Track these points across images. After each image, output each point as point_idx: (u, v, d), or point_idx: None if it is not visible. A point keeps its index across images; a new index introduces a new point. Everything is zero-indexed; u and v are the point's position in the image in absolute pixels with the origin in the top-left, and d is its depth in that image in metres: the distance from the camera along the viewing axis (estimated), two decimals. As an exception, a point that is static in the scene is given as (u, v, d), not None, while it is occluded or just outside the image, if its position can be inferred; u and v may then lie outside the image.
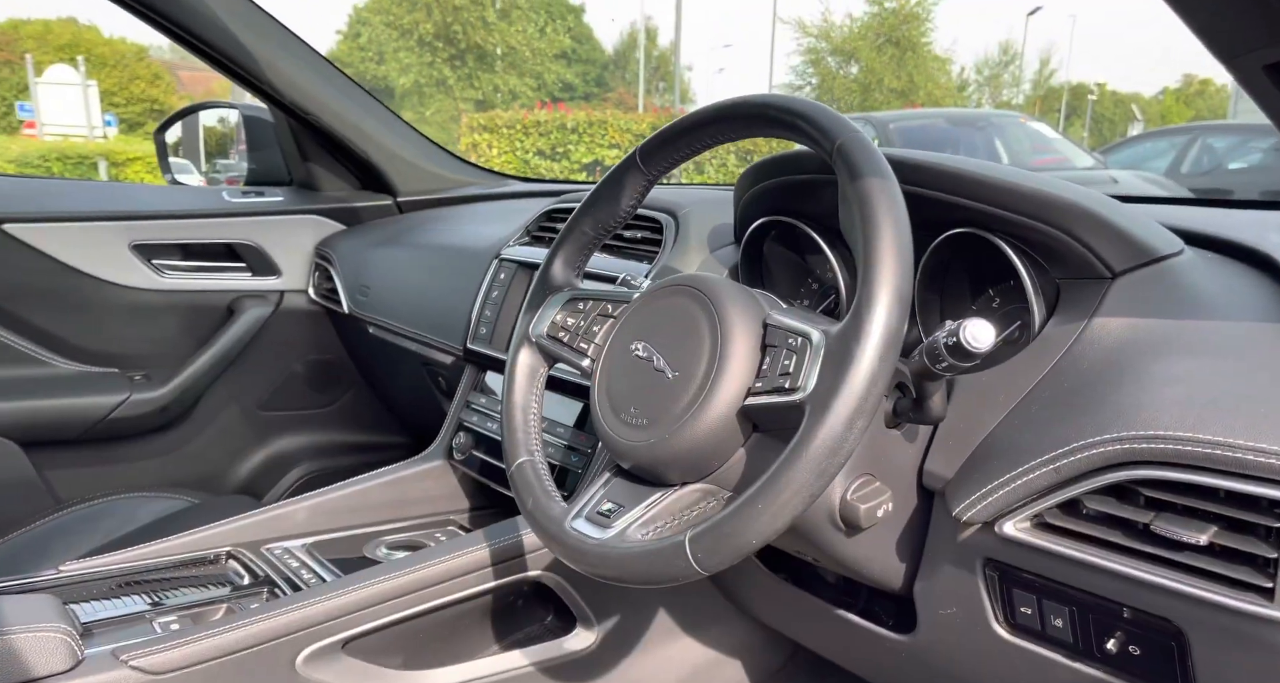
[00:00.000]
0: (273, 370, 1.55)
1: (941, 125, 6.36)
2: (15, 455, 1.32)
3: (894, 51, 20.12)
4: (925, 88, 20.25)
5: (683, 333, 0.66)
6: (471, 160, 1.69)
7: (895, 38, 19.96)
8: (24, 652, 0.68)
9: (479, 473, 1.09)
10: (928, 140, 5.93)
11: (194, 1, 1.24)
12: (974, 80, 25.60)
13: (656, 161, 0.74)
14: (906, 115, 7.31)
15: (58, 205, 1.33)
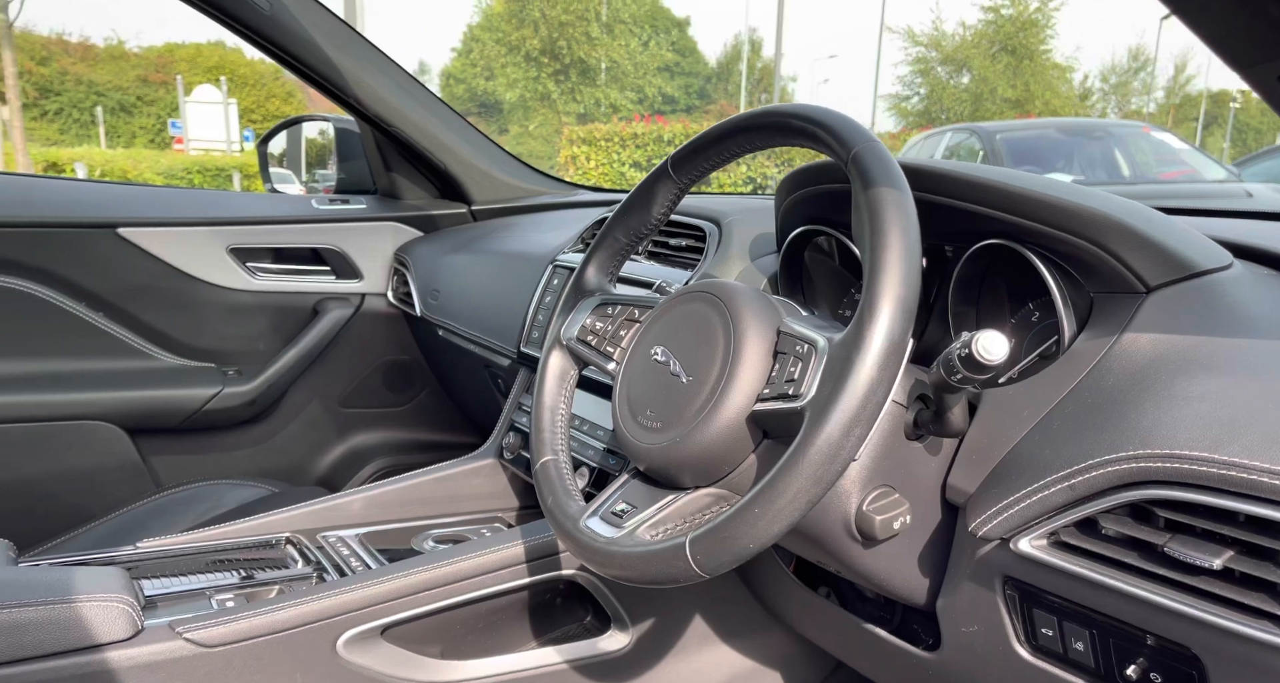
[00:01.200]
0: (353, 369, 1.63)
1: (1053, 136, 6.03)
2: (122, 441, 1.44)
3: (1009, 60, 19.35)
4: (1042, 97, 19.36)
5: (699, 338, 0.68)
6: (570, 171, 1.74)
7: (1011, 46, 19.19)
8: (89, 619, 0.74)
9: (526, 473, 1.12)
10: (1037, 151, 5.65)
11: (290, 22, 1.33)
12: (1099, 89, 24.28)
13: (687, 170, 0.76)
14: (1015, 126, 6.99)
15: (165, 212, 1.45)
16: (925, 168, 0.73)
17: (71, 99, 21.11)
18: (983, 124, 6.86)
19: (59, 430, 1.39)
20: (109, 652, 0.74)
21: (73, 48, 22.19)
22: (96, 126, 19.93)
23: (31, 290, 1.35)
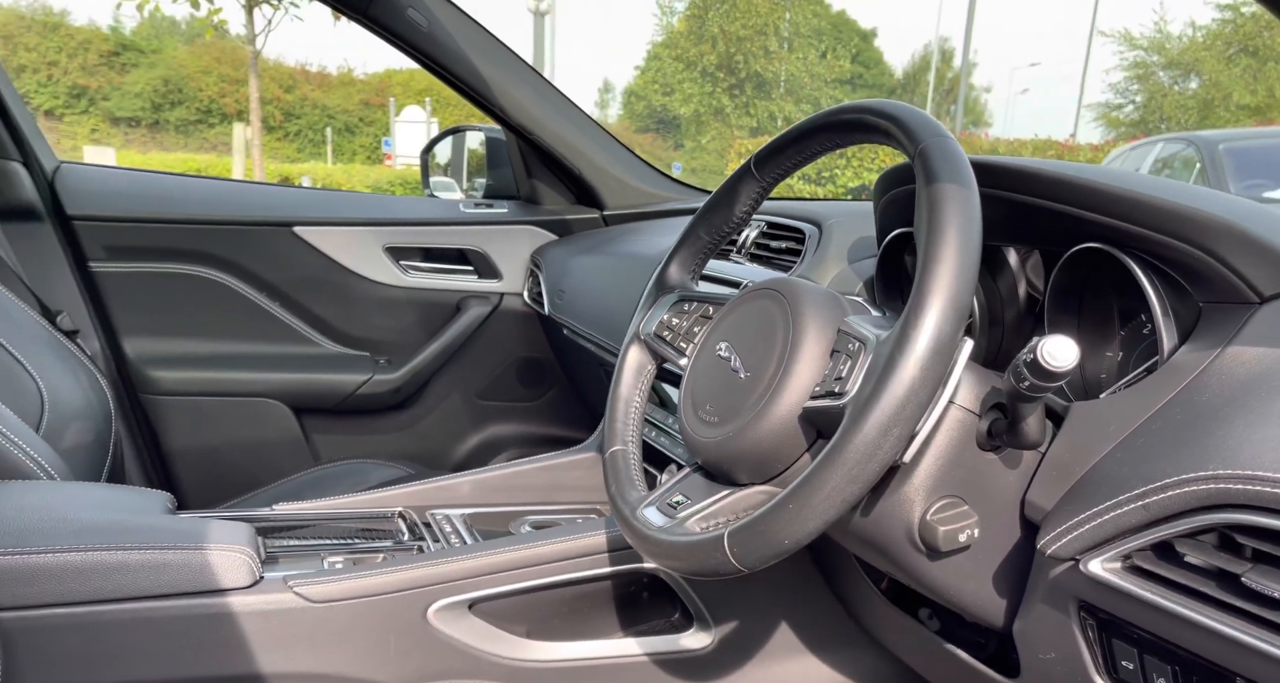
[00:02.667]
0: (490, 364, 1.74)
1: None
2: (288, 418, 1.62)
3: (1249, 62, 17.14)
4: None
5: (760, 335, 0.68)
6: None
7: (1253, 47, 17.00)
8: (216, 565, 0.83)
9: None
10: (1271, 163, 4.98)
11: (445, 38, 1.44)
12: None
13: (769, 169, 0.76)
14: (1245, 134, 6.17)
15: (332, 213, 1.61)
16: (1013, 166, 0.69)
17: (308, 121, 23.87)
18: (1202, 133, 6.13)
19: (238, 405, 1.58)
20: (230, 597, 0.84)
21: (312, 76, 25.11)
22: (325, 145, 22.43)
23: (222, 280, 1.56)
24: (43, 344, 1.18)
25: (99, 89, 21.65)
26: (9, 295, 1.19)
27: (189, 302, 1.54)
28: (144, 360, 1.53)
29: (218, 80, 22.03)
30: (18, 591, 0.75)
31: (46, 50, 21.22)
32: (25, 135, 1.39)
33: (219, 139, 20.67)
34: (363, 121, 24.36)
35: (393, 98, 19.33)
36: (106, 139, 20.32)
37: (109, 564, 0.79)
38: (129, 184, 1.55)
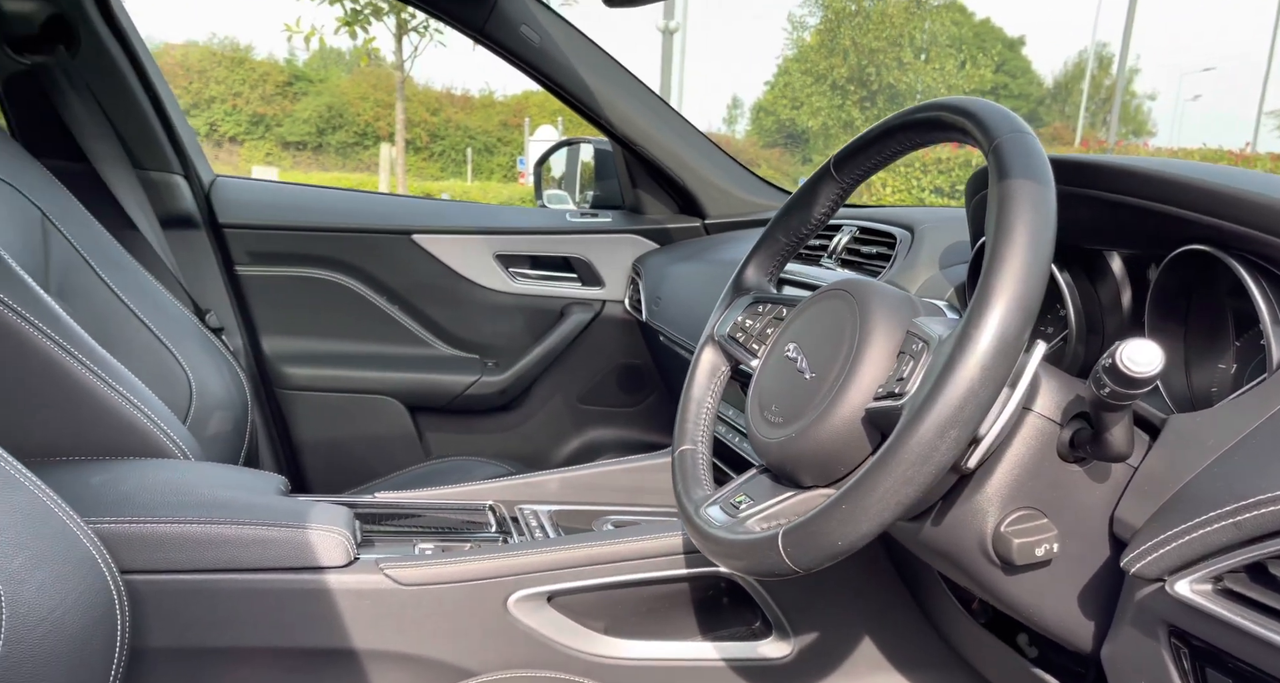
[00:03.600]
0: (591, 369, 1.78)
1: None
2: (403, 415, 1.72)
3: None
4: None
5: (828, 335, 0.68)
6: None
7: None
8: (315, 544, 0.89)
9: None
10: None
11: (555, 52, 1.50)
12: None
13: (849, 170, 0.76)
14: None
15: (448, 221, 1.71)
16: (1108, 164, 0.65)
17: (451, 142, 25.26)
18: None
19: (358, 402, 1.70)
20: (326, 574, 0.90)
21: (456, 99, 26.57)
22: (466, 164, 23.64)
23: (348, 284, 1.68)
24: (194, 340, 1.31)
25: (274, 116, 23.77)
26: (167, 294, 1.33)
27: (319, 303, 1.67)
28: (279, 357, 1.67)
29: (373, 105, 23.70)
30: (145, 556, 0.84)
31: (232, 82, 23.54)
32: (187, 152, 1.55)
33: (371, 160, 22.21)
34: (500, 141, 25.51)
35: (528, 118, 20.15)
36: (277, 161, 22.26)
37: (223, 537, 0.86)
38: (272, 195, 1.70)
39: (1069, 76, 27.04)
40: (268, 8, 24.60)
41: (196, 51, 24.28)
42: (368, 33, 8.73)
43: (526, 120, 19.74)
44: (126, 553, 0.82)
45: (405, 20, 9.29)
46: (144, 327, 1.22)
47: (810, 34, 23.43)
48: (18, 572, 0.64)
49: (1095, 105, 24.35)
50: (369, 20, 8.71)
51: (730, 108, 29.67)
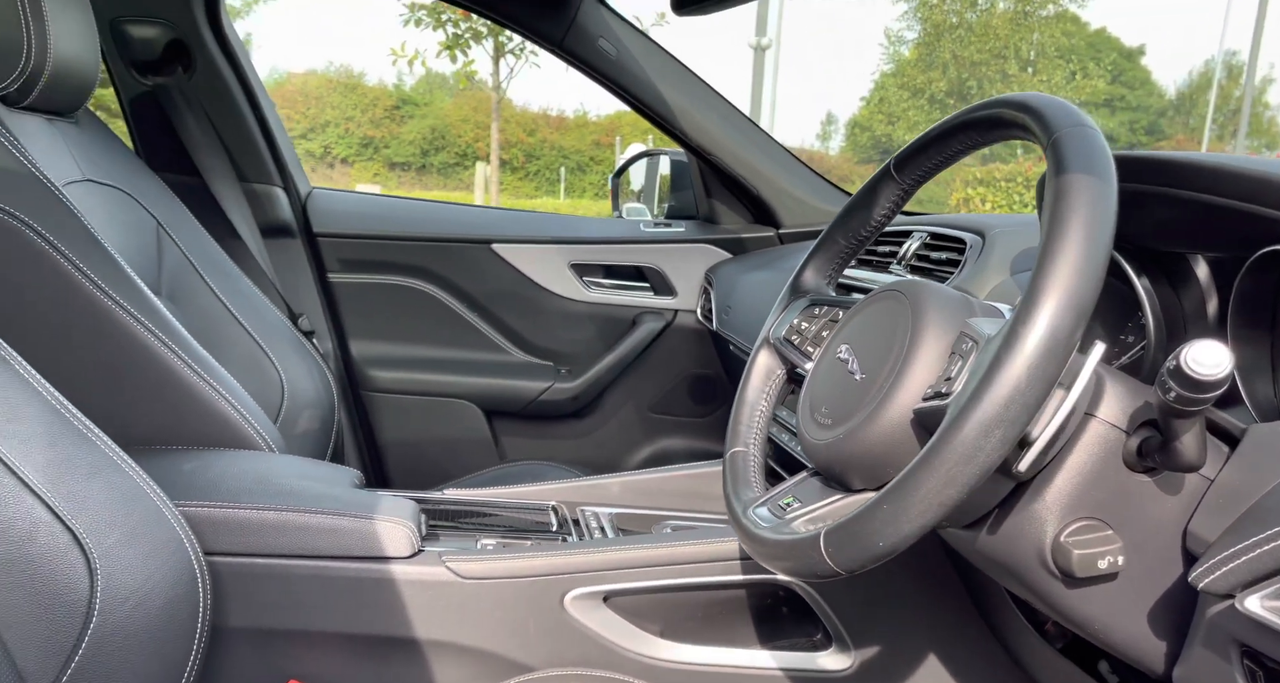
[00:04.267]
0: (662, 378, 1.79)
1: None
2: (480, 419, 1.77)
3: None
4: None
5: (880, 336, 0.67)
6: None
7: None
8: (381, 534, 0.93)
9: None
10: None
11: (631, 64, 1.53)
12: None
13: (910, 171, 0.75)
14: None
15: (526, 231, 1.76)
16: (1185, 161, 0.63)
17: (546, 162, 25.91)
18: None
19: (437, 405, 1.76)
20: (392, 564, 0.93)
21: (551, 120, 27.26)
22: (559, 183, 24.18)
23: (430, 291, 1.75)
24: (287, 342, 1.39)
25: (382, 138, 24.98)
26: (264, 299, 1.42)
27: (404, 310, 1.74)
28: (365, 360, 1.75)
29: (473, 127, 24.59)
30: (227, 539, 0.89)
31: (345, 107, 24.88)
32: (287, 165, 1.66)
33: (471, 179, 23.03)
34: (593, 160, 26.00)
35: (619, 137, 20.49)
36: (383, 181, 23.35)
37: (296, 524, 0.91)
38: (363, 206, 1.80)
39: (1194, 87, 25.44)
40: (381, 36, 25.92)
41: (315, 79, 25.78)
42: (467, 56, 9.12)
43: (618, 139, 20.07)
44: (210, 535, 0.88)
45: (502, 43, 9.65)
46: (243, 329, 1.30)
47: (908, 48, 22.94)
48: (112, 548, 0.70)
49: (1223, 117, 22.84)
50: (468, 44, 9.08)
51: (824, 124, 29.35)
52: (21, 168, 0.95)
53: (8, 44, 0.99)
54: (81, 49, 1.08)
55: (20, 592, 0.65)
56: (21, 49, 0.99)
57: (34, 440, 0.68)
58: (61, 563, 0.67)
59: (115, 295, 0.98)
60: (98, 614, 0.68)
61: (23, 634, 0.65)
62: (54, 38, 1.01)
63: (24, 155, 0.95)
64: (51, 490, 0.67)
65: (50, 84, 1.04)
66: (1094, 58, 23.04)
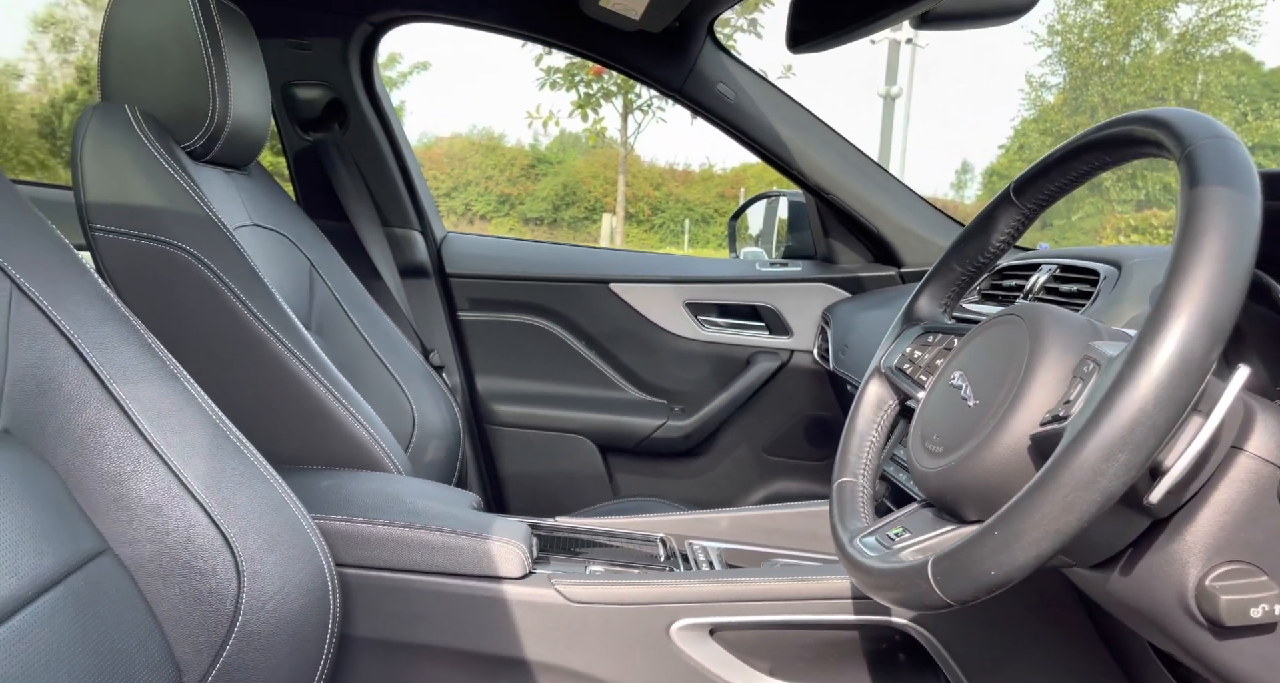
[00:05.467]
0: (777, 418, 1.76)
1: None
2: (594, 454, 1.80)
3: None
4: None
5: (996, 361, 0.65)
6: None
7: None
8: (494, 554, 0.96)
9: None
10: None
11: (749, 106, 1.57)
12: None
13: (1031, 194, 0.72)
14: None
15: (642, 271, 1.80)
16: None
17: (671, 214, 26.42)
18: None
19: (555, 439, 1.80)
20: (503, 584, 0.96)
21: (677, 174, 27.87)
22: (683, 234, 24.55)
23: (551, 329, 1.81)
24: (419, 376, 1.48)
25: (518, 195, 26.33)
26: (400, 335, 1.53)
27: (526, 347, 1.82)
28: (489, 395, 1.82)
29: (602, 183, 25.50)
30: (355, 551, 0.95)
31: (485, 167, 26.47)
32: (425, 211, 1.79)
33: (598, 232, 23.77)
34: (717, 212, 26.28)
35: (743, 188, 20.63)
36: (517, 234, 24.52)
37: (417, 540, 0.96)
38: (491, 249, 1.90)
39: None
40: (519, 99, 27.56)
41: (459, 143, 27.62)
42: (598, 114, 9.56)
43: (742, 190, 20.22)
44: (341, 547, 0.94)
45: (631, 101, 10.05)
46: (380, 363, 1.40)
47: (1052, 94, 22.01)
48: (257, 552, 0.76)
49: None
50: (599, 103, 9.54)
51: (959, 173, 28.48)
52: (201, 212, 1.08)
53: (197, 106, 1.13)
54: (256, 110, 1.23)
55: (179, 589, 0.72)
56: (208, 110, 1.13)
57: (196, 450, 0.75)
58: (215, 564, 0.73)
59: (272, 327, 1.09)
60: (243, 614, 0.74)
61: (181, 628, 0.72)
62: (234, 101, 1.15)
63: (204, 202, 1.08)
64: (208, 496, 0.74)
65: (229, 141, 1.18)
66: (1269, 98, 21.26)
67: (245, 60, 1.18)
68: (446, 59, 31.23)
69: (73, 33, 13.89)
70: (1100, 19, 19.81)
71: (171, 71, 1.12)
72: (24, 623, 0.59)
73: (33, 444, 0.68)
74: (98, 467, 0.70)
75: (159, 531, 0.71)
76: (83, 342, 0.70)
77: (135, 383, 0.73)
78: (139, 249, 1.05)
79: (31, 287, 0.68)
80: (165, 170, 1.07)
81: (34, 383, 0.68)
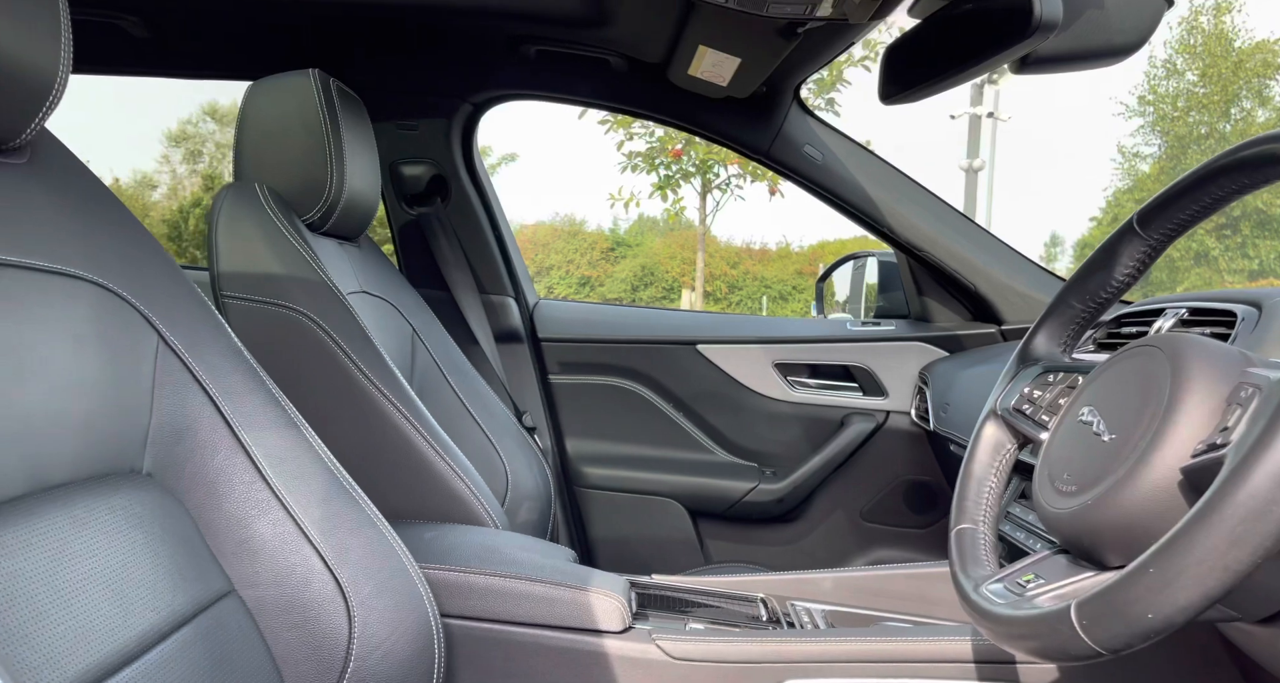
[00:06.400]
0: (875, 483, 1.70)
1: None
2: (684, 518, 1.77)
3: None
4: None
5: (1132, 393, 0.61)
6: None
7: None
8: (594, 607, 0.95)
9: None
10: None
11: (836, 167, 1.58)
12: None
13: (1158, 225, 0.68)
14: None
15: (729, 332, 1.80)
16: None
17: (749, 292, 26.48)
18: None
19: (645, 502, 1.78)
20: (604, 639, 0.94)
21: (755, 253, 28.08)
22: (761, 311, 24.53)
23: (639, 391, 1.82)
24: (513, 438, 1.51)
25: (598, 277, 26.97)
26: (495, 398, 1.56)
27: (615, 409, 1.82)
28: (579, 457, 1.83)
29: (680, 263, 25.90)
30: (459, 602, 0.95)
31: (568, 251, 27.34)
32: (519, 278, 1.85)
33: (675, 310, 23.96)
34: (795, 289, 26.20)
35: (822, 264, 20.54)
36: (599, 312, 24.88)
37: (519, 591, 0.95)
38: (580, 314, 1.94)
39: None
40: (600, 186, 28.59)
41: (543, 230, 28.72)
42: (677, 194, 9.82)
43: (821, 266, 20.15)
44: (445, 597, 0.94)
45: (709, 181, 10.30)
46: (476, 424, 1.43)
47: (1147, 164, 21.40)
48: (367, 598, 0.77)
49: None
50: (678, 184, 9.81)
51: (1049, 245, 27.76)
52: (318, 278, 1.15)
53: (316, 182, 1.22)
54: (368, 186, 1.32)
55: (296, 632, 0.73)
56: (325, 185, 1.22)
57: (313, 495, 0.78)
58: (329, 608, 0.74)
59: (380, 385, 1.14)
60: (354, 659, 0.75)
61: (297, 672, 0.73)
62: (349, 177, 1.24)
63: (321, 269, 1.16)
64: (324, 541, 0.76)
65: (343, 214, 1.26)
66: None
67: (360, 141, 1.28)
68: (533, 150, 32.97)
69: (201, 146, 15.31)
70: (1195, 89, 19.34)
71: (296, 151, 1.22)
72: (161, 656, 0.61)
73: (170, 487, 0.71)
74: (226, 510, 0.73)
75: (279, 574, 0.73)
76: (216, 390, 0.74)
77: (260, 430, 0.77)
78: (263, 313, 1.13)
79: (175, 339, 0.73)
80: (288, 241, 1.15)
81: (173, 429, 0.72)
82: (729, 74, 1.36)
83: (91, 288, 0.66)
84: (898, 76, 1.04)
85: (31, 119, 0.62)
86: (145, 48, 1.53)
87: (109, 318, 0.67)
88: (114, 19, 1.44)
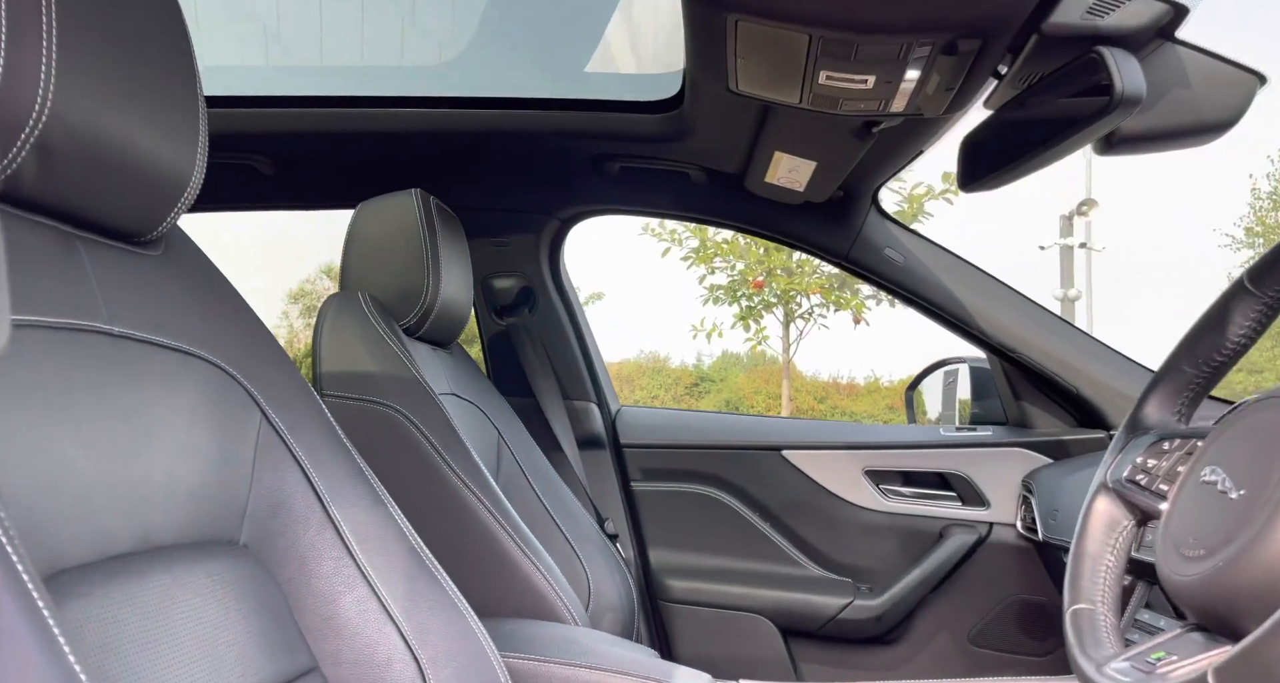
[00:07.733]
0: (982, 603, 1.56)
1: None
2: (774, 636, 1.65)
3: None
4: None
5: (1259, 448, 0.57)
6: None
7: None
8: None
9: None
10: None
11: (919, 268, 1.58)
12: None
13: (1271, 283, 0.66)
14: None
15: (816, 438, 1.74)
16: None
17: (836, 427, 25.80)
18: None
19: (731, 618, 1.68)
20: None
21: (842, 387, 27.63)
22: (851, 448, 23.76)
23: (723, 499, 1.76)
24: (594, 545, 1.48)
25: (681, 413, 26.95)
26: (577, 504, 1.55)
27: (698, 518, 1.77)
28: (662, 569, 1.76)
29: (765, 398, 25.69)
30: None
31: (652, 388, 27.64)
32: (602, 385, 1.87)
33: (762, 445, 23.48)
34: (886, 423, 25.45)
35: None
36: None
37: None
38: (663, 420, 1.93)
39: None
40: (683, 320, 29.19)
41: (628, 366, 29.29)
42: (760, 324, 9.88)
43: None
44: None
45: (792, 311, 10.36)
46: (559, 530, 1.42)
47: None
48: (447, 681, 0.75)
49: None
50: (760, 314, 9.90)
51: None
52: (412, 377, 1.21)
53: (414, 290, 1.31)
54: (461, 296, 1.40)
55: None
56: (422, 293, 1.30)
57: (396, 573, 0.78)
58: None
59: (468, 482, 1.17)
60: None
61: None
62: (444, 286, 1.33)
63: (415, 369, 1.22)
64: (405, 619, 0.75)
65: (437, 320, 1.34)
66: None
67: (455, 254, 1.38)
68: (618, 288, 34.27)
69: (317, 302, 16.59)
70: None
71: (397, 262, 1.32)
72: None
73: (264, 560, 0.73)
74: (314, 586, 0.74)
75: (361, 653, 0.73)
76: (310, 465, 0.77)
77: (349, 506, 0.78)
78: (360, 409, 1.19)
79: (277, 418, 0.76)
80: (386, 342, 1.23)
81: (270, 503, 0.74)
82: (805, 179, 1.41)
83: (206, 366, 0.71)
84: (977, 163, 1.05)
85: (167, 213, 0.69)
86: (271, 184, 1.71)
87: (219, 394, 0.71)
88: (246, 160, 1.63)
